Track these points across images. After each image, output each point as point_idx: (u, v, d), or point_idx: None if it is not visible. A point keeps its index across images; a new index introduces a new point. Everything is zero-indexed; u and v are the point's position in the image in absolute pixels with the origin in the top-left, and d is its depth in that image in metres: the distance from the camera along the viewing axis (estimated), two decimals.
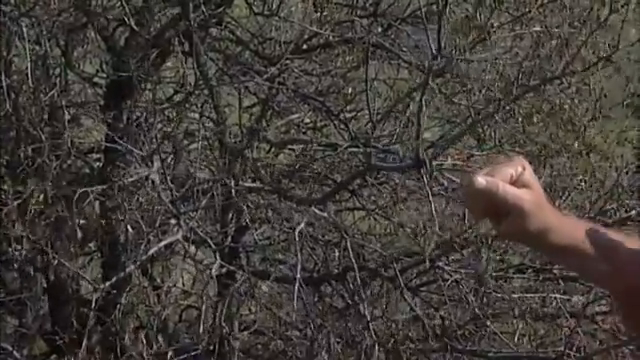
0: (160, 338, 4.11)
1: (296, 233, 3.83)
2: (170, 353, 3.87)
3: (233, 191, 3.93)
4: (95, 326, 4.69)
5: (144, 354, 4.04)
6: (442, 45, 3.34)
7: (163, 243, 3.85)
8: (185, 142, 4.55)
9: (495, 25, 3.86)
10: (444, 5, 3.28)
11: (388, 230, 4.61)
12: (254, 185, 3.96)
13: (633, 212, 3.78)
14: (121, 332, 4.12)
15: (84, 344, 4.05)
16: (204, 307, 4.03)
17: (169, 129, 4.48)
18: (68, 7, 4.31)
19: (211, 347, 3.96)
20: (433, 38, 3.33)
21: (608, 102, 5.07)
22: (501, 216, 1.18)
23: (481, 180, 1.16)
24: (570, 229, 1.21)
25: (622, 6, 3.59)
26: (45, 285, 4.83)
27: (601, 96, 4.14)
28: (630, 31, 4.81)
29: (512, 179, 1.18)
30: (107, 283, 3.95)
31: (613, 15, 3.79)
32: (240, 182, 3.89)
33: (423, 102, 3.36)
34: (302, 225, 3.61)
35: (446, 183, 3.67)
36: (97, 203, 4.60)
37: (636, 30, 4.76)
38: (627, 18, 3.90)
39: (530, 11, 3.73)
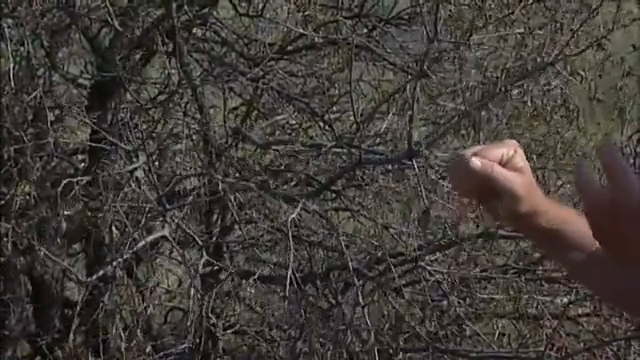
0: (141, 337, 4.10)
1: (289, 223, 3.80)
2: (149, 348, 3.87)
3: (218, 188, 3.92)
4: (79, 327, 4.68)
5: (128, 355, 4.03)
6: (439, 29, 3.31)
7: (149, 238, 3.85)
8: (170, 142, 4.55)
9: (480, 26, 3.87)
10: None
11: (373, 231, 4.62)
12: (239, 183, 3.96)
13: None
14: (103, 334, 4.12)
15: (67, 346, 4.05)
16: (189, 306, 4.03)
17: (153, 129, 4.48)
18: (52, 8, 4.31)
19: (194, 347, 3.96)
20: (429, 21, 3.30)
21: (592, 104, 5.09)
22: (489, 197, 1.17)
23: (476, 161, 1.16)
24: (559, 213, 1.22)
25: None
26: (29, 287, 4.82)
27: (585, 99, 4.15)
28: (616, 35, 4.84)
29: (502, 161, 1.18)
30: (94, 276, 3.94)
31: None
32: (225, 179, 3.89)
33: (417, 88, 3.34)
34: (292, 216, 3.60)
35: (434, 176, 3.66)
36: (81, 204, 4.59)
37: (622, 35, 4.78)
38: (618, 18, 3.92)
39: (513, 12, 3.74)
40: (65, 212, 4.11)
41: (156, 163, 4.54)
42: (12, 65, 4.32)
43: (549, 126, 4.01)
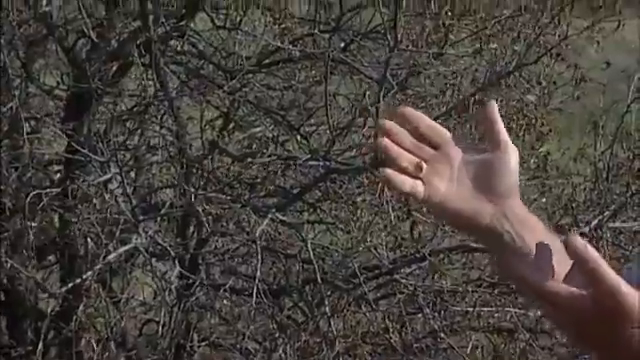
0: (114, 349, 4.08)
1: (258, 234, 3.79)
2: None
3: (192, 200, 3.92)
4: (53, 340, 4.66)
5: None
6: (399, 37, 3.32)
7: (121, 250, 3.84)
8: (145, 152, 4.55)
9: (453, 40, 3.90)
10: None
11: (349, 244, 4.63)
12: (214, 194, 3.97)
13: (586, 228, 3.83)
14: (76, 345, 4.10)
15: (35, 358, 4.02)
16: (162, 318, 4.02)
17: (129, 140, 4.48)
18: (28, 19, 4.30)
19: (168, 359, 3.95)
20: (390, 28, 3.32)
21: (567, 119, 5.14)
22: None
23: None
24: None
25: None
26: (2, 298, 4.79)
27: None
28: (591, 52, 4.88)
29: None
30: (64, 288, 3.93)
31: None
32: (199, 191, 3.89)
33: (381, 97, 3.35)
34: (261, 227, 3.60)
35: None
36: (57, 216, 4.58)
37: (596, 52, 4.82)
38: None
39: (487, 27, 3.77)
40: (37, 224, 4.09)
41: (132, 175, 4.53)
42: None
43: (522, 141, 4.04)
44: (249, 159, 4.24)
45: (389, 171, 1.04)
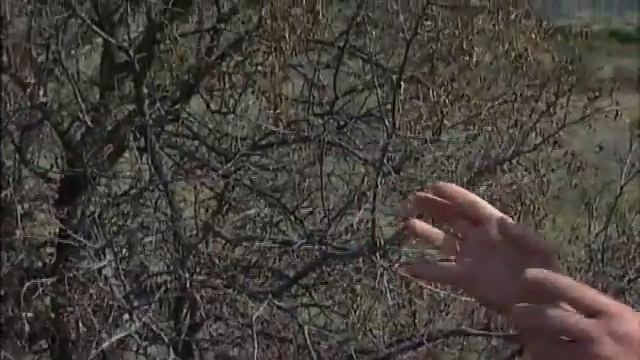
0: None
1: (253, 320, 3.75)
2: None
3: (187, 286, 3.89)
4: None
5: None
6: (397, 124, 3.33)
7: (115, 337, 3.79)
8: (139, 236, 4.51)
9: (447, 124, 3.92)
10: (398, 82, 3.29)
11: (343, 327, 4.58)
12: (208, 279, 3.93)
13: None
14: None
15: None
16: None
17: (123, 223, 4.45)
18: (25, 106, 4.30)
19: None
20: (387, 112, 3.33)
21: (560, 199, 5.14)
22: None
23: None
24: None
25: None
26: None
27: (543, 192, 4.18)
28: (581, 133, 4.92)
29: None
30: None
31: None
32: (194, 276, 3.86)
33: (379, 182, 3.36)
34: (257, 313, 3.55)
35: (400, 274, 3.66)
36: (48, 299, 4.52)
37: (588, 133, 4.85)
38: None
39: (481, 113, 3.80)
40: (30, 311, 4.03)
41: (125, 259, 4.49)
42: None
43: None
44: (244, 243, 4.21)
45: (415, 265, 1.01)
